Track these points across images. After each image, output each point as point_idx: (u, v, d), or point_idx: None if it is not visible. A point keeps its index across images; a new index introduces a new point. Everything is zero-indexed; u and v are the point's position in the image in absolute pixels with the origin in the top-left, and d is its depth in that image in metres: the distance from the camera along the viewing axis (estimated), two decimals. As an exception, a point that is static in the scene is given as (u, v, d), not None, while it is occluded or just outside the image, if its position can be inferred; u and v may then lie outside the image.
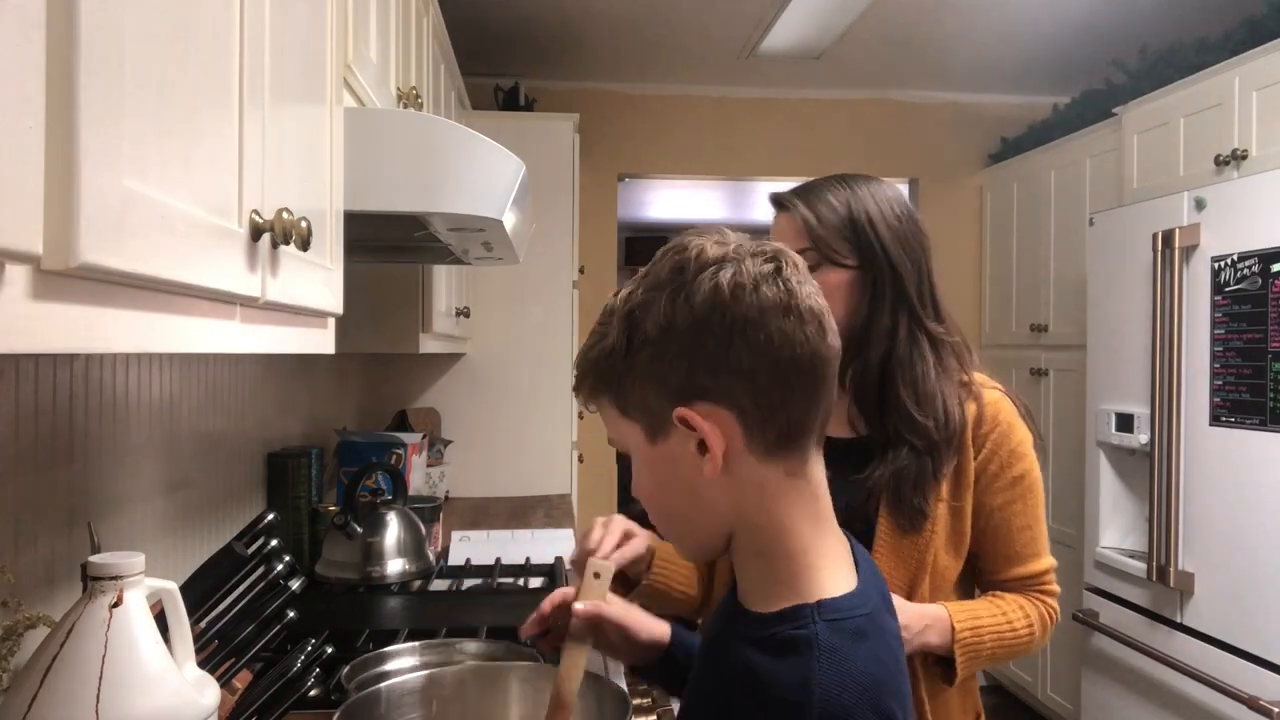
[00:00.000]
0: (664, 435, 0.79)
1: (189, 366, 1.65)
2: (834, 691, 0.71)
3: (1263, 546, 2.38)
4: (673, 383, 0.77)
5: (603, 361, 0.80)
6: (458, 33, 2.81)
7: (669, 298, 0.77)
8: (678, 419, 0.77)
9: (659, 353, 0.77)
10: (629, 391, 0.79)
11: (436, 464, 3.16)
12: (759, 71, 4.06)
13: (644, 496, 0.85)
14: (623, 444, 0.83)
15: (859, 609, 0.77)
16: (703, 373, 0.76)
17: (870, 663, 0.75)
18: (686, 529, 0.84)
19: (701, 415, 0.76)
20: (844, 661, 0.73)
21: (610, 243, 4.37)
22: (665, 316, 0.76)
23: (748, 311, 0.75)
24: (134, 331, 0.63)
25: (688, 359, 0.76)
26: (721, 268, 0.76)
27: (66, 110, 0.49)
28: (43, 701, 0.83)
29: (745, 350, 0.75)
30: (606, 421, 0.84)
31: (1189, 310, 2.62)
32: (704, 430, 0.76)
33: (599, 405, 0.84)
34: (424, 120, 1.62)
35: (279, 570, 1.24)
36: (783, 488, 0.79)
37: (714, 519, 0.80)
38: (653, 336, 0.77)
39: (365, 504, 2.14)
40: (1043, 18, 3.43)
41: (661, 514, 0.85)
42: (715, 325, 0.75)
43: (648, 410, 0.79)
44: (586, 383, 0.83)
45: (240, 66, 0.80)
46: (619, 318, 0.80)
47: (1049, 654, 3.79)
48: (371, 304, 2.49)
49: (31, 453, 1.15)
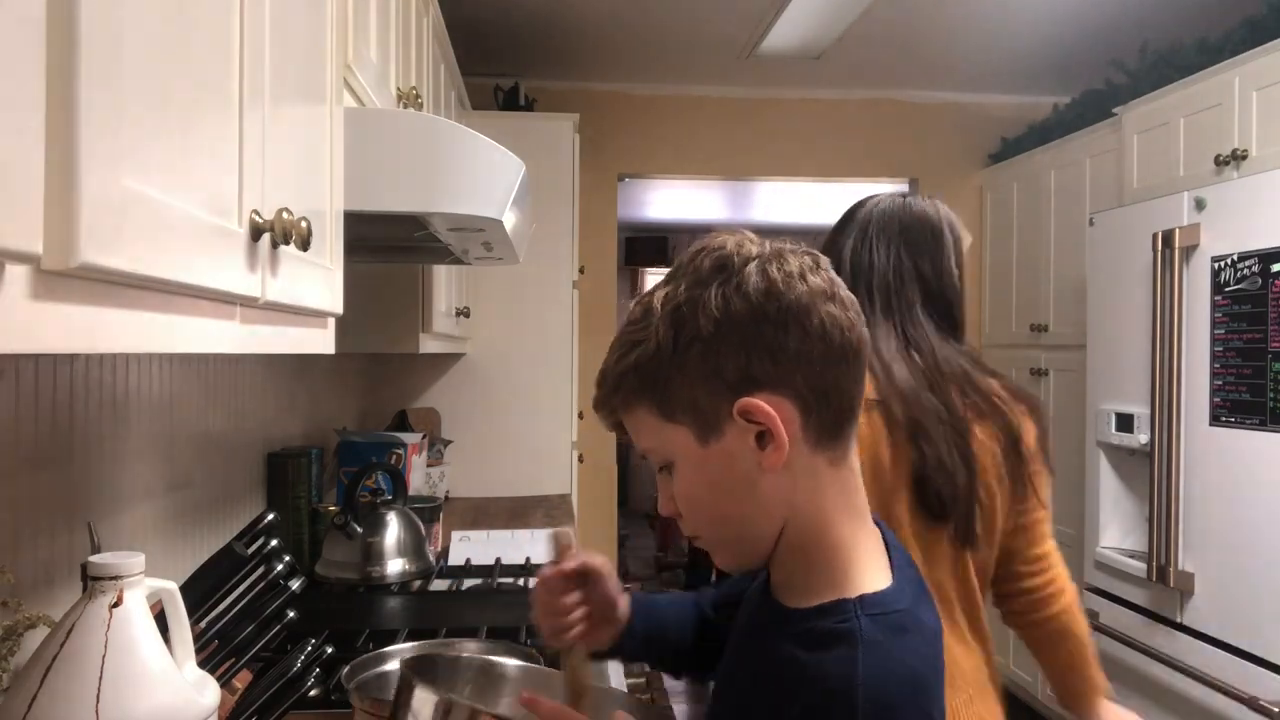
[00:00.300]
0: (718, 433, 0.77)
1: (189, 366, 1.65)
2: (879, 684, 0.71)
3: (1263, 546, 2.38)
4: (728, 376, 0.76)
5: (644, 365, 0.78)
6: (458, 33, 2.81)
7: (719, 290, 0.76)
8: (739, 411, 0.76)
9: (712, 347, 0.76)
10: (676, 393, 0.78)
11: (436, 464, 3.16)
12: (759, 71, 4.06)
13: (690, 505, 0.81)
14: (663, 453, 0.81)
15: (898, 603, 0.77)
16: (760, 362, 0.75)
17: (913, 657, 0.75)
18: (738, 533, 0.81)
19: (767, 404, 0.75)
20: (888, 655, 0.73)
21: (610, 243, 4.37)
22: (719, 309, 0.76)
23: (800, 298, 0.75)
24: (134, 331, 0.63)
25: (744, 349, 0.75)
26: (767, 260, 0.77)
27: (66, 110, 0.49)
28: (43, 701, 0.83)
29: (801, 336, 0.75)
30: (641, 432, 0.82)
31: (1189, 310, 2.62)
32: (769, 419, 0.75)
33: (631, 417, 0.82)
34: (424, 120, 1.62)
35: (279, 570, 1.24)
36: (828, 478, 0.79)
37: (768, 517, 0.79)
38: (705, 331, 0.76)
39: (365, 504, 2.14)
40: (1043, 18, 3.43)
41: (711, 521, 0.82)
42: (771, 313, 0.75)
43: (698, 409, 0.77)
44: (620, 393, 0.81)
45: (240, 66, 0.80)
46: (662, 318, 0.78)
47: (1049, 654, 3.79)
48: (371, 304, 2.49)
49: (31, 453, 1.15)
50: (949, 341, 1.38)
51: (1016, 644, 4.41)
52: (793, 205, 6.88)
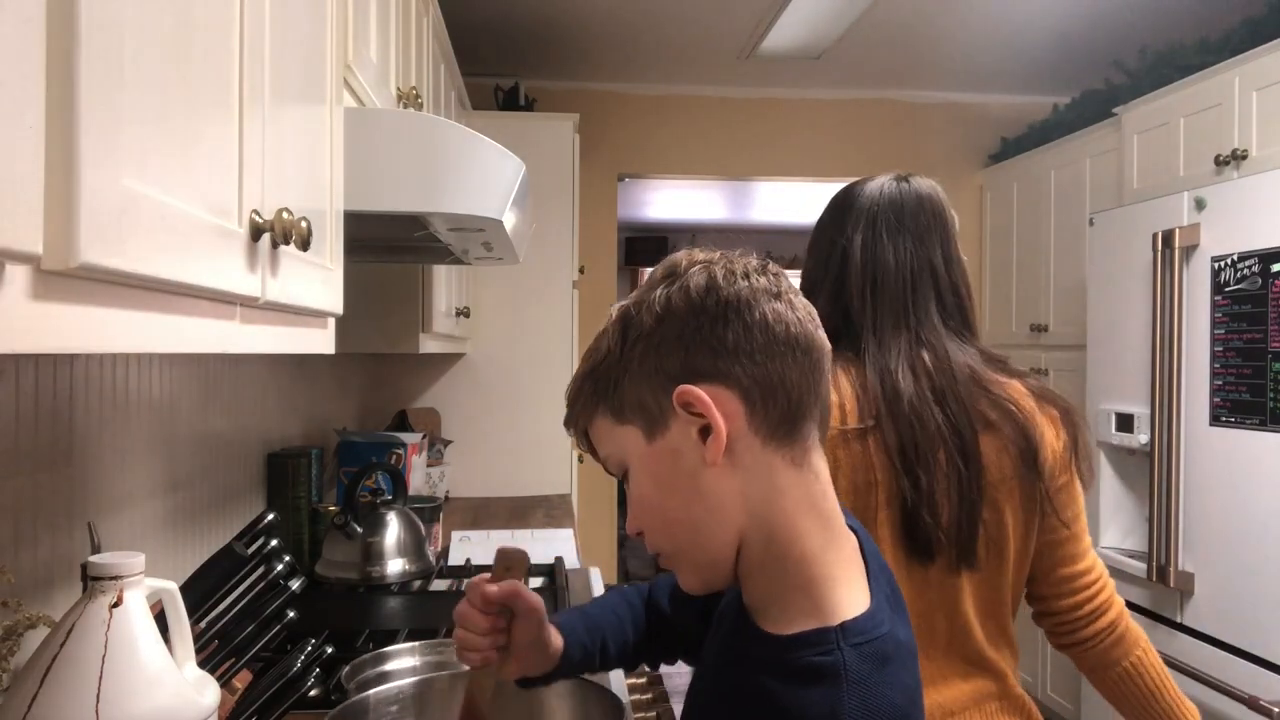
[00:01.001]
0: (663, 429, 0.77)
1: (189, 366, 1.65)
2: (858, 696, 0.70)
3: (1263, 546, 2.38)
4: (669, 370, 0.76)
5: (597, 370, 0.80)
6: (458, 33, 2.81)
7: (663, 290, 0.78)
8: (678, 400, 0.75)
9: (654, 343, 0.77)
10: (625, 393, 0.78)
11: (436, 464, 3.16)
12: (759, 71, 4.06)
13: (644, 514, 0.80)
14: (620, 460, 0.81)
15: (880, 627, 0.75)
16: (699, 355, 0.76)
17: (896, 691, 0.73)
18: (694, 541, 0.79)
19: (705, 393, 0.75)
20: (872, 692, 0.71)
21: (610, 243, 4.37)
22: (660, 306, 0.77)
23: (740, 292, 0.76)
24: (134, 331, 0.63)
25: (683, 344, 0.76)
26: (712, 263, 0.78)
27: (66, 110, 0.49)
28: (43, 701, 0.83)
29: (740, 328, 0.75)
30: (601, 442, 0.83)
31: (1189, 310, 2.62)
32: (705, 406, 0.74)
33: (593, 428, 0.83)
34: (424, 120, 1.62)
35: (279, 570, 1.24)
36: (790, 480, 0.77)
37: (722, 522, 0.77)
38: (647, 328, 0.77)
39: (365, 504, 2.14)
40: (1043, 18, 3.43)
41: (665, 528, 0.80)
42: (710, 307, 0.76)
43: (644, 407, 0.78)
44: (579, 402, 0.82)
45: (240, 66, 0.80)
46: (612, 324, 0.80)
47: (1049, 654, 3.79)
48: (371, 304, 2.49)
49: (31, 453, 1.15)
50: (964, 342, 1.27)
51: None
52: (793, 205, 6.88)
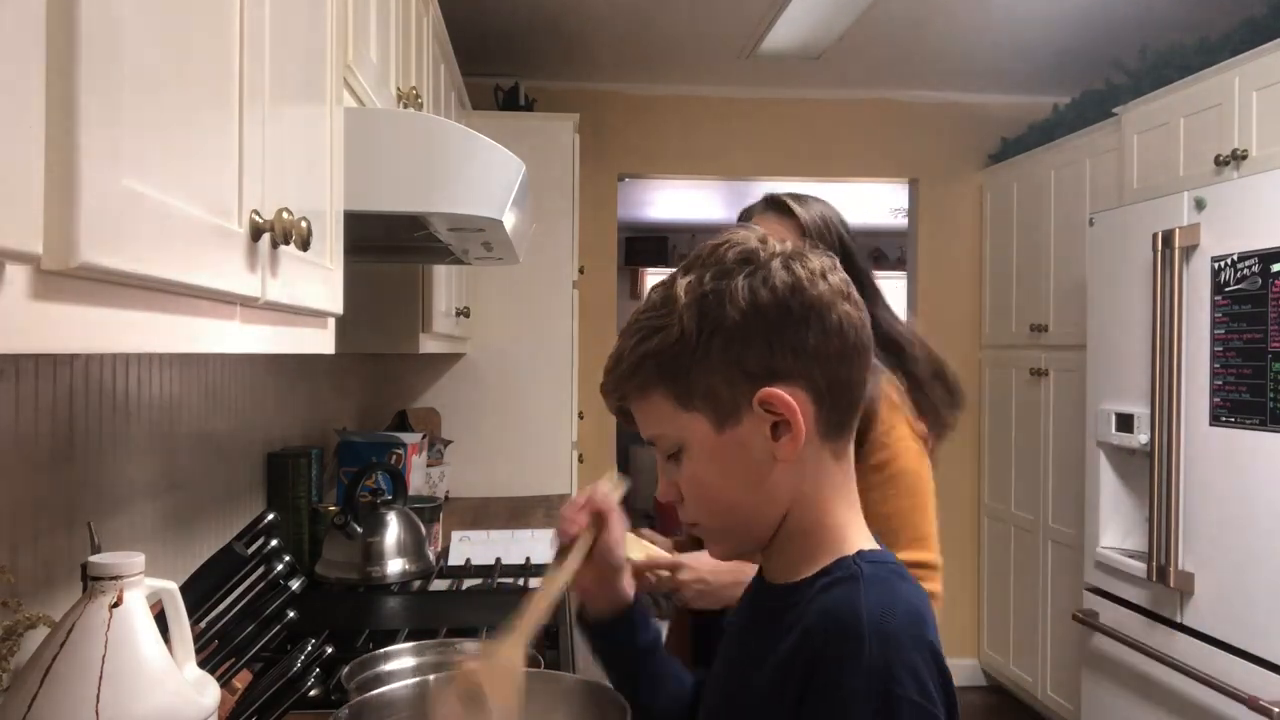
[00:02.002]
0: (735, 422, 0.80)
1: (189, 366, 1.65)
2: (883, 615, 0.74)
3: (1263, 546, 2.38)
4: (750, 366, 0.78)
5: (665, 352, 0.80)
6: (458, 33, 2.81)
7: (745, 282, 0.79)
8: (759, 401, 0.78)
9: (736, 338, 0.78)
10: (695, 381, 0.80)
11: (436, 464, 3.16)
12: (759, 71, 4.06)
13: (697, 492, 0.84)
14: (674, 440, 0.83)
15: (892, 559, 0.83)
16: (781, 354, 0.78)
17: (913, 595, 0.79)
18: (741, 520, 0.84)
19: (788, 395, 0.78)
20: (890, 590, 0.77)
21: (610, 243, 4.37)
22: (745, 300, 0.78)
23: (822, 295, 0.79)
24: (134, 331, 0.63)
25: (768, 341, 0.78)
26: (791, 257, 0.80)
27: (66, 110, 0.49)
28: (43, 701, 0.83)
29: (821, 331, 0.79)
30: (653, 418, 0.84)
31: (1189, 310, 2.62)
32: (789, 410, 0.78)
33: (644, 403, 0.84)
34: (424, 120, 1.62)
35: (279, 570, 1.24)
36: (833, 469, 0.83)
37: (772, 505, 0.82)
38: (730, 321, 0.78)
39: (365, 504, 2.14)
40: (1043, 18, 3.43)
41: (716, 508, 0.84)
42: (795, 308, 0.78)
43: (716, 398, 0.80)
44: (637, 378, 0.83)
45: (240, 66, 0.80)
46: (686, 306, 0.80)
47: (1049, 654, 3.79)
48: (371, 304, 2.49)
49: (31, 452, 1.15)
50: None
51: (1017, 644, 4.42)
52: (793, 205, 6.87)
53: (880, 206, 6.66)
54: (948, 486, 4.45)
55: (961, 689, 5.12)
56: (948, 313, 4.47)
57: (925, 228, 4.48)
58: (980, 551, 4.41)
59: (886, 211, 6.68)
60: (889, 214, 6.68)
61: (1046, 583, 3.81)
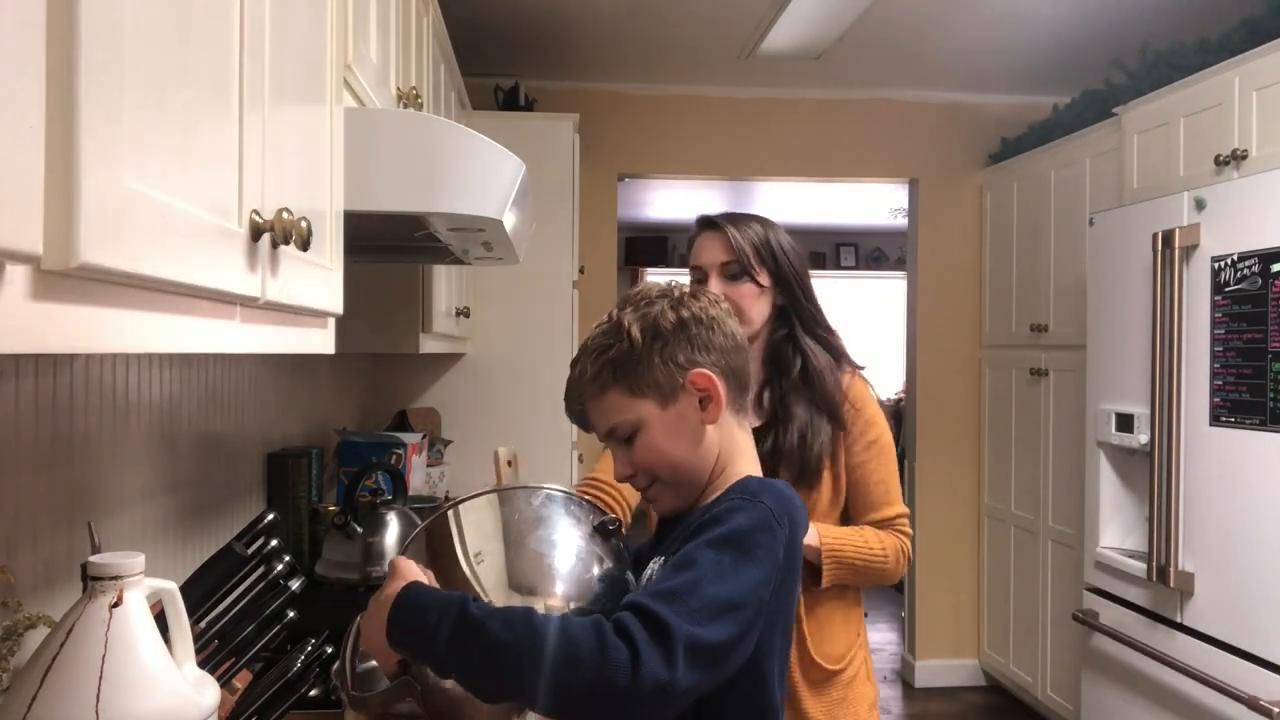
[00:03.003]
0: (674, 399, 1.13)
1: (189, 366, 1.65)
2: (768, 484, 1.14)
3: (1263, 546, 2.38)
4: (679, 360, 1.13)
5: (620, 358, 1.13)
6: (458, 33, 2.81)
7: (670, 307, 1.15)
8: (691, 381, 1.13)
9: (669, 341, 1.13)
10: (643, 375, 1.13)
11: (436, 464, 3.16)
12: (759, 71, 4.06)
13: (653, 457, 1.14)
14: (630, 424, 1.14)
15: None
16: (698, 351, 1.14)
17: (784, 487, 1.16)
18: (688, 472, 1.15)
19: (708, 374, 1.13)
20: (765, 480, 1.17)
21: (610, 243, 4.37)
22: (671, 317, 1.14)
23: (717, 314, 1.18)
24: (134, 331, 0.63)
25: (689, 342, 1.13)
26: (692, 293, 1.19)
27: (66, 110, 0.49)
28: (43, 701, 0.83)
29: (722, 335, 1.16)
30: (610, 411, 1.15)
31: (1189, 310, 2.62)
32: (710, 384, 1.13)
33: (600, 401, 1.15)
34: (424, 120, 1.62)
35: (279, 570, 1.24)
36: (737, 434, 1.19)
37: (707, 459, 1.15)
38: (663, 331, 1.13)
39: (365, 504, 2.14)
40: (1043, 18, 3.43)
41: (669, 467, 1.15)
42: (705, 319, 1.16)
43: (659, 385, 1.13)
44: (598, 381, 1.14)
45: (240, 66, 0.80)
46: (630, 325, 1.13)
47: (1049, 654, 3.79)
48: (371, 304, 2.49)
49: (31, 453, 1.15)
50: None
51: (1017, 644, 4.41)
52: (793, 205, 6.88)
53: (880, 206, 6.66)
54: (948, 486, 4.48)
55: (962, 689, 5.16)
56: (948, 313, 4.47)
57: (925, 228, 4.48)
58: (980, 551, 4.41)
59: (886, 211, 6.68)
60: (889, 214, 6.68)
61: (1046, 583, 3.81)
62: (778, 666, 1.10)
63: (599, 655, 0.90)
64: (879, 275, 8.42)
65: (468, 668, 0.94)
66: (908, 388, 4.73)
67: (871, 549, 1.64)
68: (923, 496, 4.42)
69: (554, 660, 0.90)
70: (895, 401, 6.22)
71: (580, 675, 0.90)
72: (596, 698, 0.91)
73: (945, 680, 4.40)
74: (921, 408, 4.48)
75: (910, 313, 4.60)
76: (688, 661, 0.92)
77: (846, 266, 8.39)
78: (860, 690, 1.68)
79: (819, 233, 8.15)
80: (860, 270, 8.42)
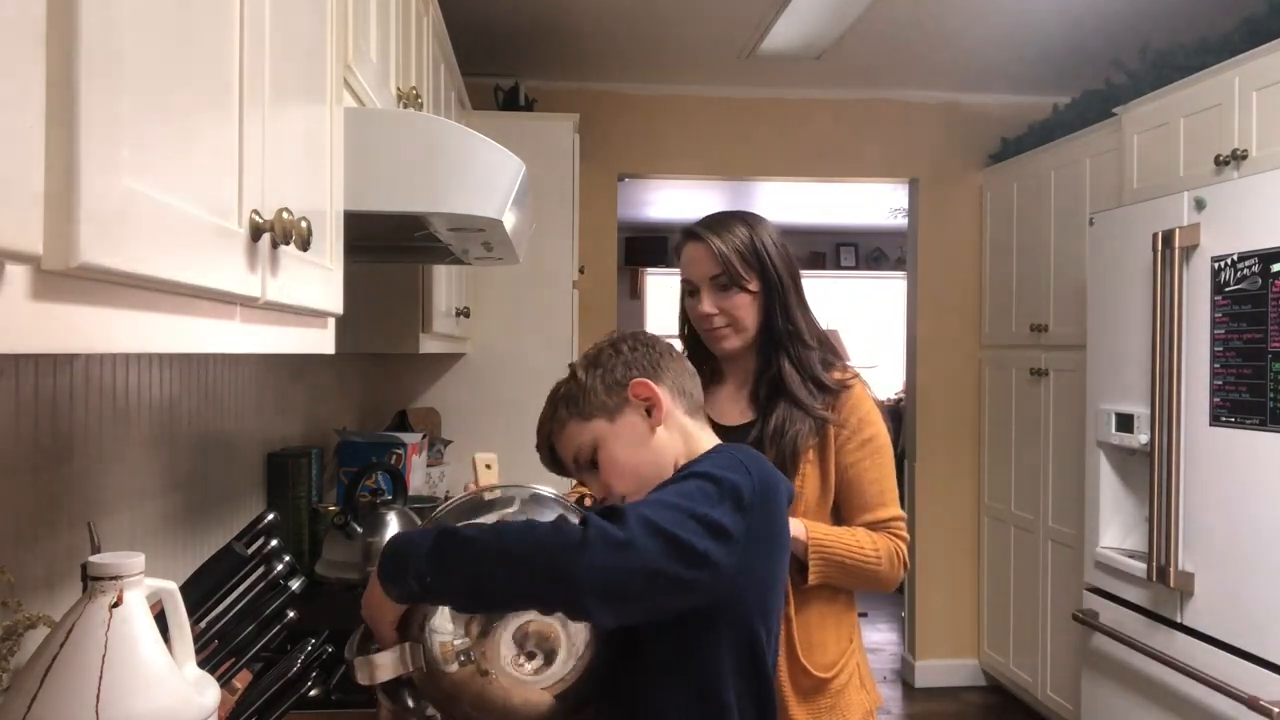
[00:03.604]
0: (620, 412, 1.26)
1: (189, 366, 1.65)
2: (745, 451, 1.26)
3: (1263, 546, 2.37)
4: (618, 376, 1.26)
5: (570, 396, 1.28)
6: (458, 33, 2.81)
7: (611, 344, 1.31)
8: (632, 392, 1.25)
9: (605, 365, 1.27)
10: (589, 402, 1.26)
11: (436, 464, 3.16)
12: (759, 71, 4.06)
13: (617, 468, 1.24)
14: (589, 446, 1.26)
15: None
16: (633, 368, 1.27)
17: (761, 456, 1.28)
18: (649, 473, 1.24)
19: (645, 382, 1.26)
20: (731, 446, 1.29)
21: (610, 243, 4.37)
22: (609, 350, 1.30)
23: (667, 347, 1.34)
24: (134, 331, 0.63)
25: (625, 364, 1.27)
26: (641, 335, 1.35)
27: (66, 110, 0.49)
28: (43, 701, 0.83)
29: (654, 353, 1.31)
30: (571, 440, 1.27)
31: (1189, 310, 2.62)
32: (649, 391, 1.25)
33: (563, 436, 1.27)
34: (424, 120, 1.62)
35: (279, 570, 1.24)
36: (698, 435, 1.30)
37: (665, 460, 1.25)
38: (601, 359, 1.29)
39: (365, 504, 2.14)
40: (1043, 18, 3.43)
41: (632, 473, 1.24)
42: (642, 343, 1.32)
43: (604, 405, 1.25)
44: (556, 419, 1.27)
45: (240, 66, 0.80)
46: (578, 365, 1.30)
47: (1049, 654, 3.79)
48: (371, 304, 2.49)
49: (31, 453, 1.15)
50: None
51: (1017, 644, 4.41)
52: (793, 205, 6.88)
53: (880, 206, 6.66)
54: (948, 486, 4.48)
55: (962, 689, 5.15)
56: (948, 313, 4.47)
57: (925, 228, 4.48)
58: (980, 551, 4.41)
59: (886, 211, 6.68)
60: (889, 214, 6.68)
61: (1046, 583, 3.81)
62: (765, 637, 1.19)
63: (554, 528, 1.06)
64: (879, 275, 8.42)
65: (444, 571, 1.04)
66: (908, 388, 4.73)
67: (863, 549, 1.59)
68: (923, 496, 4.42)
69: (516, 539, 1.05)
70: (895, 402, 6.22)
71: (538, 538, 1.04)
72: (554, 559, 1.02)
73: (945, 680, 4.41)
74: (921, 408, 4.48)
75: (910, 313, 4.60)
76: (640, 529, 1.05)
77: (846, 266, 8.38)
78: (852, 699, 1.63)
79: (819, 233, 8.15)
80: (860, 270, 8.42)
